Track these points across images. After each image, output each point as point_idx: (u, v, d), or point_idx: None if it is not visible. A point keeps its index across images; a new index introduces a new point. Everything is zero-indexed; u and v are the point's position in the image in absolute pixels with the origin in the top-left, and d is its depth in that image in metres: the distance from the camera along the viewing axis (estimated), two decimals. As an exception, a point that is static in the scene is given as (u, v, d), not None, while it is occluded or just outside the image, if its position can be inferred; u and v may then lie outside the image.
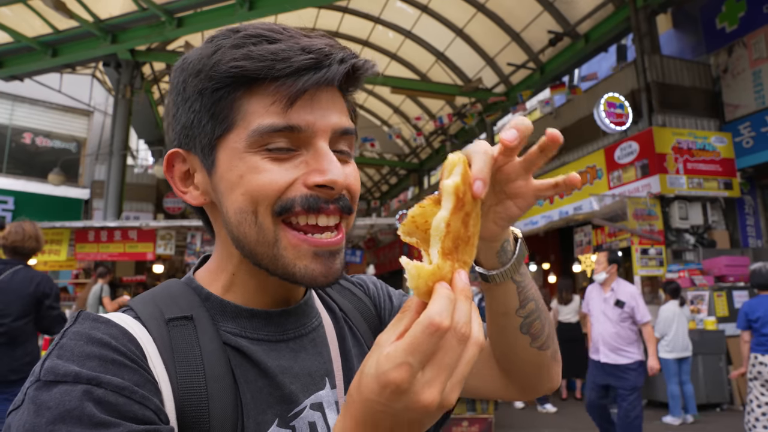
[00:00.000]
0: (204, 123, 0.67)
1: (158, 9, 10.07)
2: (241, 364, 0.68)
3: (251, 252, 0.68)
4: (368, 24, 14.42)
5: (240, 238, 0.68)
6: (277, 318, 0.74)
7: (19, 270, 3.80)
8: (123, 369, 0.57)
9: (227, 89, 0.65)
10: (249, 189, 0.65)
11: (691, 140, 9.55)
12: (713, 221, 9.55)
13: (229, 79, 0.64)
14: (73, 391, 0.52)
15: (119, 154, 12.27)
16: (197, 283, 0.74)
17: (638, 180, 9.46)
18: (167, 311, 0.68)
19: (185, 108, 0.69)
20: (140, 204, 15.68)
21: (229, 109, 0.65)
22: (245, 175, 0.65)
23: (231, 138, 0.66)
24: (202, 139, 0.68)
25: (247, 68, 0.63)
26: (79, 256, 10.33)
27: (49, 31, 11.04)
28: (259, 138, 0.64)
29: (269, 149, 0.65)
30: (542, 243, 13.10)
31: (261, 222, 0.65)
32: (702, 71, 10.36)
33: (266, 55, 0.63)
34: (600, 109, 9.19)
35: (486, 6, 12.59)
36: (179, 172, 0.73)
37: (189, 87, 0.67)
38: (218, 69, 0.64)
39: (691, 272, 8.53)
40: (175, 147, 0.72)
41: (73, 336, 0.58)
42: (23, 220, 3.98)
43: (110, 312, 0.66)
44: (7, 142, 16.01)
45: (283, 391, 0.69)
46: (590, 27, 11.76)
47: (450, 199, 0.52)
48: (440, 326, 0.46)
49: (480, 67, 14.37)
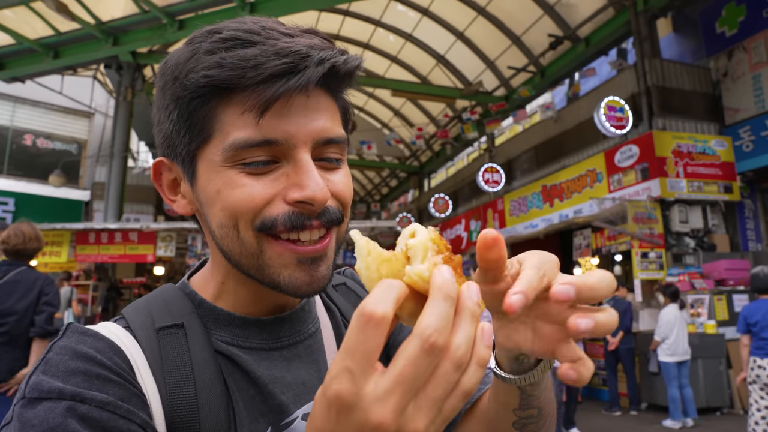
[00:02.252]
0: (182, 134, 0.64)
1: (160, 11, 10.10)
2: (232, 373, 0.66)
3: (237, 263, 0.66)
4: (369, 27, 14.46)
5: (225, 250, 0.66)
6: (271, 326, 0.72)
7: (22, 271, 3.83)
8: (108, 384, 0.56)
9: (201, 99, 0.62)
10: (227, 205, 0.62)
11: (691, 144, 9.56)
12: (713, 225, 9.55)
13: (202, 89, 0.61)
14: (57, 407, 0.52)
15: (120, 156, 12.29)
16: (191, 289, 0.73)
17: (638, 183, 9.47)
18: (158, 319, 0.66)
19: (165, 116, 0.66)
20: (141, 206, 15.72)
21: (205, 119, 0.62)
22: (222, 190, 0.62)
23: (208, 150, 0.63)
24: (182, 150, 0.66)
25: (216, 78, 0.59)
26: (79, 258, 10.34)
27: (50, 33, 11.07)
28: (234, 153, 0.61)
29: (246, 163, 0.61)
30: (542, 246, 13.01)
31: (243, 236, 0.63)
32: (702, 75, 10.38)
33: (237, 62, 0.59)
34: (600, 112, 9.20)
35: (487, 9, 12.62)
36: (167, 180, 0.71)
37: (167, 94, 0.65)
38: (191, 78, 0.61)
39: (691, 276, 8.53)
40: (160, 156, 0.70)
41: (59, 351, 0.58)
42: (21, 222, 3.99)
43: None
44: (8, 144, 16.03)
45: (273, 401, 0.67)
46: (591, 30, 11.79)
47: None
48: (434, 347, 0.39)
49: (480, 71, 14.39)
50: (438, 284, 0.42)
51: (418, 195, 20.23)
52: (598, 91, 11.23)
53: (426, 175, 20.61)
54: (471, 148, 17.92)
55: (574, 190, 11.03)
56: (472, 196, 15.82)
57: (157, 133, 0.69)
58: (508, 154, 14.23)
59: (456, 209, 16.35)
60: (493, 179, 12.79)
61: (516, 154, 13.89)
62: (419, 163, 20.42)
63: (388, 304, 0.40)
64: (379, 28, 14.48)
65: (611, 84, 10.94)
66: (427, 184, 20.55)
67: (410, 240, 0.47)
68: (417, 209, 19.59)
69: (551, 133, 12.48)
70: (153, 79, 14.55)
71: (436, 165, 20.10)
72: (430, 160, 19.87)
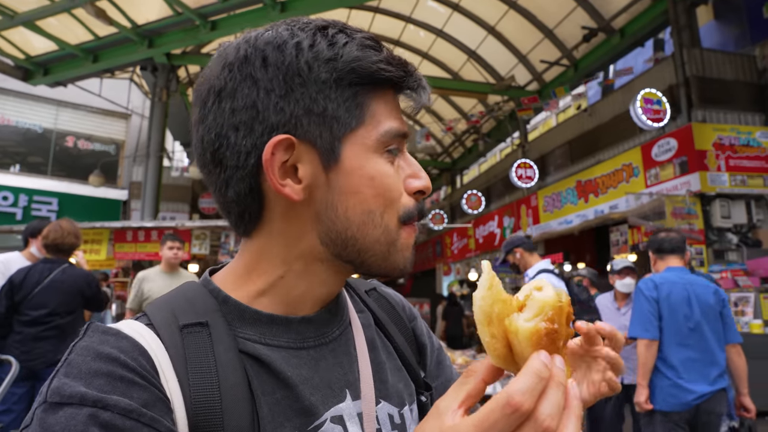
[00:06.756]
0: (340, 114, 0.64)
1: (193, 13, 10.28)
2: (258, 374, 0.64)
3: (359, 250, 0.67)
4: (399, 23, 14.41)
5: (356, 238, 0.66)
6: (297, 325, 0.70)
7: (66, 269, 4.00)
8: (132, 387, 0.54)
9: (367, 87, 0.66)
10: (381, 191, 0.66)
11: (733, 136, 9.20)
12: (758, 220, 9.18)
13: (370, 77, 0.65)
14: (79, 414, 0.50)
15: (156, 156, 12.57)
16: (214, 285, 0.70)
17: (677, 178, 9.17)
18: (182, 317, 0.64)
19: (313, 92, 0.63)
20: (176, 204, 16.06)
21: (363, 106, 0.66)
22: (377, 176, 0.66)
23: (360, 134, 0.66)
24: (330, 131, 0.64)
25: (393, 74, 0.66)
26: (117, 256, 10.62)
27: (90, 38, 11.40)
28: (387, 140, 0.67)
29: (389, 150, 0.67)
30: (577, 242, 12.85)
31: (386, 223, 0.67)
32: (746, 63, 9.97)
33: (400, 64, 0.67)
34: (636, 105, 8.94)
35: (518, 3, 12.42)
36: (279, 161, 0.64)
37: (320, 72, 0.63)
38: (362, 65, 0.64)
39: (734, 273, 8.22)
40: (284, 133, 0.64)
41: (80, 351, 0.56)
42: (61, 219, 4.19)
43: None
44: (52, 146, 16.61)
45: (302, 402, 0.64)
46: (626, 21, 11.46)
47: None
48: (520, 408, 0.41)
49: (512, 65, 14.18)
50: (534, 368, 0.44)
51: (451, 192, 20.11)
52: (633, 83, 10.92)
53: (458, 172, 20.45)
54: (503, 144, 17.70)
55: (609, 185, 10.77)
56: (505, 192, 15.62)
57: (285, 107, 0.63)
58: (542, 149, 14.00)
59: (489, 206, 16.17)
60: (526, 175, 12.60)
61: (549, 149, 13.65)
62: (451, 160, 20.28)
63: (533, 399, 0.42)
64: (410, 25, 14.42)
65: (648, 75, 10.62)
66: (460, 181, 20.39)
67: (535, 292, 0.49)
68: (449, 206, 19.47)
69: (586, 127, 12.21)
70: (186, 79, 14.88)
71: (469, 161, 19.92)
72: (462, 157, 19.70)
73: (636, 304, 3.57)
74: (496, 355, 0.48)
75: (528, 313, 0.48)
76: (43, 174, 16.25)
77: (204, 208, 16.14)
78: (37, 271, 3.93)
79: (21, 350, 3.75)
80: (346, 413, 0.68)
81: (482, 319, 0.48)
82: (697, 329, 3.36)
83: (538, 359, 0.44)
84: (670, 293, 3.43)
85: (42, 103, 16.26)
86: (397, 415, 0.74)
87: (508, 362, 0.48)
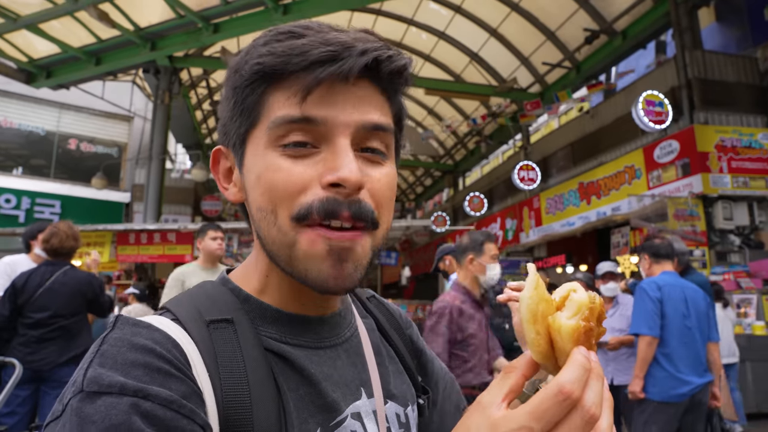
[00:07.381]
0: (235, 119, 0.67)
1: (195, 16, 10.31)
2: (283, 371, 0.65)
3: (271, 252, 0.65)
4: (401, 26, 14.43)
5: (263, 237, 0.66)
6: (315, 325, 0.71)
7: (68, 271, 4.01)
8: (170, 379, 0.53)
9: (253, 85, 0.64)
10: (267, 188, 0.63)
11: (735, 138, 9.20)
12: (761, 222, 9.17)
13: (254, 75, 0.64)
14: (120, 403, 0.49)
15: (158, 159, 12.60)
16: (234, 284, 0.71)
17: (679, 179, 9.17)
18: (206, 313, 0.64)
19: (224, 105, 0.70)
20: (179, 207, 16.10)
21: (255, 103, 0.65)
22: (263, 173, 0.63)
23: (255, 133, 0.66)
24: (234, 135, 0.68)
25: (266, 64, 0.62)
26: (120, 258, 10.64)
27: (93, 41, 11.44)
28: (276, 130, 0.62)
29: (285, 145, 0.62)
30: (579, 244, 12.84)
31: (280, 223, 0.63)
32: (748, 65, 9.97)
33: (286, 51, 0.61)
34: (638, 107, 8.94)
35: (520, 5, 12.43)
36: (223, 168, 0.73)
37: (228, 85, 0.69)
38: (246, 66, 0.64)
39: (736, 275, 8.21)
40: (219, 144, 0.73)
41: (114, 342, 0.55)
42: (60, 221, 4.20)
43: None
44: (54, 148, 16.66)
45: (326, 399, 0.65)
46: (628, 23, 11.47)
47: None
48: (571, 395, 0.44)
49: (515, 67, 14.19)
50: (579, 360, 0.47)
51: (453, 194, 20.11)
52: (636, 85, 10.92)
53: (461, 174, 20.45)
54: (506, 146, 17.71)
55: (611, 187, 10.77)
56: (507, 194, 15.62)
57: (219, 124, 0.73)
58: (544, 151, 14.00)
59: (491, 208, 16.17)
60: (528, 177, 12.60)
61: (552, 151, 13.65)
62: (453, 162, 20.28)
63: (581, 388, 0.45)
64: (412, 27, 14.44)
65: (650, 77, 10.62)
66: (462, 183, 20.38)
67: (573, 294, 0.53)
68: (452, 208, 19.47)
69: (588, 129, 12.20)
70: (189, 82, 14.92)
71: (471, 163, 19.92)
72: (464, 159, 19.70)
73: (639, 303, 3.76)
74: (539, 351, 0.51)
75: (568, 312, 0.51)
76: (46, 176, 16.30)
77: (206, 211, 16.15)
78: (39, 273, 3.94)
79: (25, 352, 3.76)
80: (363, 410, 0.70)
81: (529, 318, 0.51)
82: (691, 328, 3.67)
83: (580, 353, 0.47)
84: (671, 294, 3.70)
85: (45, 105, 16.32)
86: (402, 415, 0.76)
87: (548, 358, 0.51)
